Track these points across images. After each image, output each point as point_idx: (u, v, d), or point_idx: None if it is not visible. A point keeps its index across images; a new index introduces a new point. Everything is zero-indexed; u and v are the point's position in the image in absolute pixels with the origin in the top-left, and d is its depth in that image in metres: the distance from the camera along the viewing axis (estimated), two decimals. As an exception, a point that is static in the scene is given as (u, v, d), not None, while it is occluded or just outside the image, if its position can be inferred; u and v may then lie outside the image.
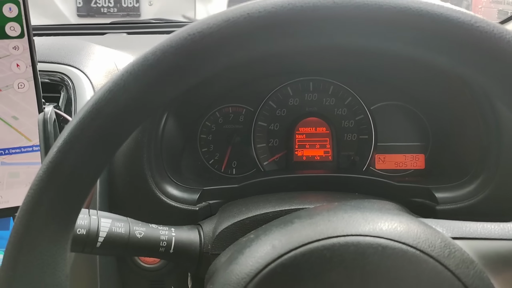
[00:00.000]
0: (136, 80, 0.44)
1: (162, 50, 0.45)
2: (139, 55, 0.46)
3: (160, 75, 0.44)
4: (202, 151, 1.10)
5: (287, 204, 0.76)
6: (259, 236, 0.53)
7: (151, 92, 0.45)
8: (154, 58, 0.45)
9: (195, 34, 0.44)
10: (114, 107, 0.44)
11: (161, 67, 0.44)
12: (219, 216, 0.80)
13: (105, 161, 0.48)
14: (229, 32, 0.44)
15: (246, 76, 1.08)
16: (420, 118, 1.08)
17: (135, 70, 0.45)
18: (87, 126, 0.44)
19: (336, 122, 1.09)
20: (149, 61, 0.44)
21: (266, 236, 0.52)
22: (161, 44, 0.45)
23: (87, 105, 0.45)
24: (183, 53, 0.44)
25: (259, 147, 1.09)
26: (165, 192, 0.87)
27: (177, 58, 0.44)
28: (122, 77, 0.45)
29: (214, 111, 1.10)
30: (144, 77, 0.45)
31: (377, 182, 0.94)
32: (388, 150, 1.08)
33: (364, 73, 1.09)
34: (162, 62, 0.44)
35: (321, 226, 0.49)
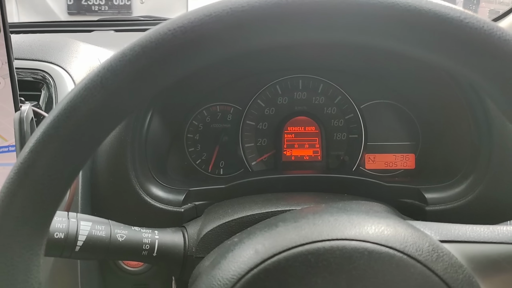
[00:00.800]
0: (114, 76, 0.43)
1: (141, 45, 0.43)
2: (117, 51, 0.44)
3: (139, 71, 0.43)
4: (189, 151, 1.08)
5: (273, 206, 0.74)
6: (242, 240, 0.52)
7: (130, 89, 0.43)
8: (133, 54, 0.43)
9: (175, 29, 0.42)
10: (90, 105, 0.42)
11: (140, 62, 0.43)
12: (204, 218, 0.78)
13: (81, 162, 0.46)
14: (211, 27, 0.42)
15: (234, 74, 1.07)
16: (410, 117, 1.07)
17: (113, 66, 0.43)
18: (61, 125, 0.42)
19: (325, 121, 1.07)
20: (128, 57, 0.43)
21: (249, 240, 0.50)
22: (140, 40, 0.44)
23: (62, 102, 0.43)
24: (163, 48, 0.43)
25: (247, 147, 1.08)
26: (149, 193, 0.85)
27: (157, 53, 0.43)
28: (99, 73, 0.43)
29: (202, 110, 1.08)
30: (122, 73, 0.43)
31: (367, 182, 0.93)
32: (378, 149, 1.08)
33: (354, 71, 1.08)
34: (141, 57, 0.43)
35: (306, 230, 0.47)
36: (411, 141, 1.07)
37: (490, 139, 0.84)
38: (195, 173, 1.08)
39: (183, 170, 1.07)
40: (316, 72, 1.08)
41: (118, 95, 0.43)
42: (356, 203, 0.59)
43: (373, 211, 0.54)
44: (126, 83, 0.43)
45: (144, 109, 0.85)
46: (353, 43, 0.45)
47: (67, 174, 0.44)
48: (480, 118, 0.85)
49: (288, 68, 1.08)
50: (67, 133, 0.43)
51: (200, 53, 0.44)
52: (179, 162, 1.07)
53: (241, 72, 1.07)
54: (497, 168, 0.83)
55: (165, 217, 0.84)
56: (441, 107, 0.99)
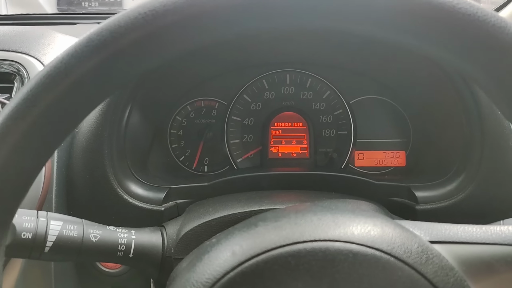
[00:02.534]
0: (79, 64, 0.39)
1: (109, 30, 0.40)
2: (83, 36, 0.41)
3: (106, 58, 0.39)
4: (172, 147, 1.06)
5: (256, 204, 0.72)
6: (220, 241, 0.49)
7: (96, 77, 0.40)
8: (100, 39, 0.39)
9: (146, 13, 0.39)
10: (53, 94, 0.39)
11: (107, 49, 0.39)
12: (185, 217, 0.76)
13: (44, 157, 0.42)
14: (187, 12, 0.39)
15: (219, 68, 1.05)
16: (401, 114, 1.06)
17: (78, 52, 0.39)
18: (21, 116, 0.39)
19: (313, 117, 1.05)
20: (94, 42, 0.39)
21: (227, 240, 0.47)
22: (108, 24, 0.40)
23: (22, 91, 0.40)
24: (133, 33, 0.39)
25: (233, 143, 1.06)
26: (128, 191, 0.82)
27: (127, 38, 0.39)
28: (63, 60, 0.40)
29: (185, 105, 1.06)
30: (88, 60, 0.39)
31: (356, 180, 0.90)
32: (368, 146, 1.06)
33: (343, 66, 1.06)
34: (109, 43, 0.39)
35: (287, 230, 0.44)
36: (402, 138, 1.06)
37: (482, 137, 0.82)
38: (178, 170, 1.05)
39: (165, 167, 1.04)
40: (304, 66, 1.06)
41: (84, 84, 0.40)
42: (343, 201, 0.57)
43: (360, 210, 0.52)
44: (93, 71, 0.40)
45: (123, 103, 0.82)
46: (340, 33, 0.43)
47: (27, 169, 0.41)
48: (473, 116, 0.83)
49: (275, 62, 1.06)
50: (28, 125, 0.39)
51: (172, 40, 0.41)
52: (161, 158, 1.04)
53: (226, 66, 1.05)
54: (489, 166, 0.81)
55: (144, 216, 0.81)
56: (433, 104, 0.97)
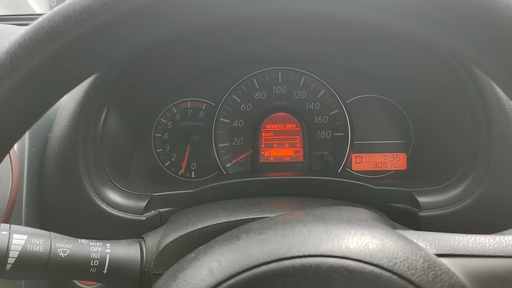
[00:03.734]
0: (27, 54, 0.34)
1: (62, 15, 0.35)
2: (33, 23, 0.36)
3: (60, 48, 0.35)
4: (156, 152, 1.02)
5: (244, 213, 0.67)
6: (198, 256, 0.44)
7: (48, 70, 0.35)
8: (52, 26, 0.35)
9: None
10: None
11: (61, 37, 0.34)
12: (166, 228, 0.71)
13: None
14: None
15: (206, 66, 1.01)
16: (401, 113, 1.02)
17: (26, 41, 0.35)
18: None
19: (307, 118, 1.02)
20: (45, 29, 0.34)
21: (205, 256, 0.42)
22: (61, 9, 0.35)
23: None
24: (91, 19, 0.35)
25: (221, 147, 1.02)
26: (105, 199, 0.77)
27: (83, 25, 0.35)
28: (9, 50, 0.35)
29: (170, 106, 1.02)
30: (39, 50, 0.34)
31: (353, 185, 0.86)
32: (366, 149, 1.02)
33: (339, 63, 1.02)
34: (63, 30, 0.34)
35: (272, 244, 0.39)
36: (402, 140, 1.03)
37: (489, 136, 0.77)
38: (162, 177, 1.01)
39: (148, 173, 1.00)
40: (298, 64, 1.03)
41: (33, 77, 0.35)
42: (338, 209, 0.52)
43: (357, 219, 0.47)
44: (43, 62, 0.35)
45: (98, 103, 0.77)
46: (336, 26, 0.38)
47: None
48: (479, 114, 0.78)
49: (267, 59, 1.03)
50: None
51: (136, 28, 0.36)
52: (144, 164, 1.00)
53: (214, 64, 1.01)
54: (497, 167, 0.76)
55: (124, 226, 0.76)
56: (436, 102, 0.93)
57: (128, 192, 0.81)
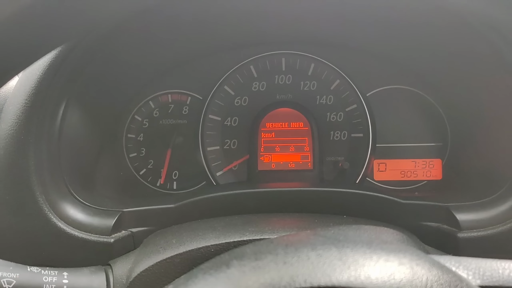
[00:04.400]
0: None
1: None
2: None
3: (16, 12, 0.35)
4: (129, 157, 1.03)
5: (237, 234, 0.66)
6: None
7: None
8: None
9: None
10: None
11: None
12: (140, 252, 0.70)
13: None
14: None
15: (191, 49, 1.01)
16: (436, 110, 1.02)
17: None
18: None
19: (318, 114, 1.02)
20: None
21: (185, 290, 0.41)
22: None
23: None
24: None
25: (210, 151, 1.02)
26: (64, 216, 0.76)
27: None
28: None
29: (147, 100, 1.03)
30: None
31: (375, 199, 0.85)
32: (391, 153, 1.03)
33: (358, 45, 1.02)
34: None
35: (271, 273, 0.38)
36: (437, 142, 1.03)
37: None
38: (136, 188, 1.02)
39: (118, 183, 1.00)
40: (306, 47, 1.03)
41: None
42: (356, 229, 0.51)
43: (380, 242, 0.46)
44: None
45: (55, 96, 0.76)
46: None
47: None
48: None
49: (267, 41, 1.03)
50: None
51: None
52: (113, 172, 1.00)
53: (201, 47, 1.01)
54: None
55: (86, 250, 0.76)
56: (480, 97, 0.92)
57: (92, 207, 0.81)
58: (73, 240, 0.75)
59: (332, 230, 0.50)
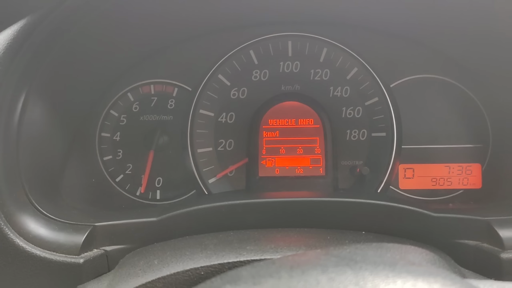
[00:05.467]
0: None
1: None
2: None
3: None
4: (103, 161, 1.03)
5: (233, 253, 0.66)
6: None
7: None
8: None
9: None
10: None
11: None
12: (115, 275, 0.70)
13: None
14: None
15: (178, 30, 1.01)
16: (476, 105, 1.03)
17: None
18: None
19: (332, 109, 1.03)
20: None
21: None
22: None
23: None
24: None
25: (202, 153, 1.02)
26: (23, 231, 0.76)
27: None
28: None
29: (125, 92, 1.03)
30: None
31: (401, 212, 0.85)
32: (420, 157, 1.03)
33: (381, 26, 1.02)
34: None
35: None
36: (476, 143, 1.03)
37: None
38: (111, 198, 1.02)
39: (89, 192, 1.00)
40: (317, 28, 1.03)
41: None
42: (376, 248, 0.51)
43: (406, 263, 0.46)
44: None
45: (12, 85, 0.76)
46: None
47: None
48: None
49: (270, 21, 1.03)
50: None
51: None
52: (83, 178, 1.00)
53: (190, 28, 1.01)
54: None
55: (51, 272, 0.75)
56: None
57: (58, 220, 0.81)
58: (34, 260, 0.75)
59: (348, 249, 0.50)
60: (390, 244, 0.55)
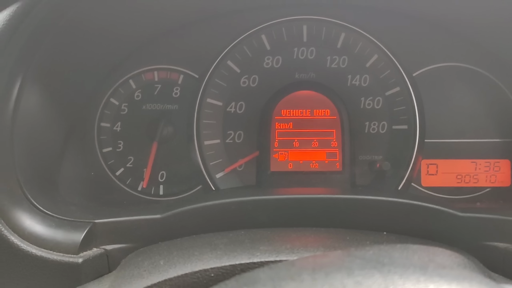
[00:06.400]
0: None
1: None
2: None
3: None
4: (102, 153, 1.04)
5: (245, 254, 0.66)
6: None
7: None
8: None
9: None
10: None
11: None
12: (116, 276, 0.70)
13: None
14: None
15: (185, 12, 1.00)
16: (505, 96, 1.02)
17: None
18: None
19: (349, 100, 1.03)
20: None
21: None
22: None
23: None
24: None
25: (209, 146, 1.02)
26: (18, 228, 0.76)
27: None
28: None
29: (126, 79, 1.03)
30: None
31: (424, 211, 0.85)
32: (445, 151, 1.03)
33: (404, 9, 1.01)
34: None
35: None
36: (505, 138, 1.03)
37: None
38: (111, 193, 1.03)
39: (88, 186, 1.00)
40: (334, 11, 1.02)
41: None
42: (402, 249, 0.51)
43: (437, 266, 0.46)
44: None
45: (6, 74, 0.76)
46: None
47: None
48: None
49: (284, 3, 1.02)
50: None
51: None
52: (81, 172, 1.00)
53: (198, 10, 1.01)
54: None
55: (48, 272, 0.76)
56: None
57: (55, 217, 0.81)
58: (29, 259, 0.75)
59: (371, 250, 0.50)
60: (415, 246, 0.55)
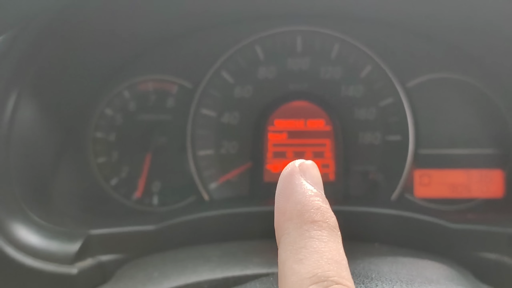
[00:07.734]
0: None
1: None
2: None
3: None
4: (97, 164, 1.04)
5: (238, 267, 0.67)
6: None
7: None
8: None
9: None
10: None
11: None
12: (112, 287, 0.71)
13: None
14: None
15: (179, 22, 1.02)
16: (496, 107, 1.02)
17: None
18: None
19: (343, 110, 1.03)
20: None
21: None
22: None
23: None
24: None
25: (202, 156, 1.03)
26: (12, 238, 0.77)
27: None
28: None
29: (121, 90, 1.04)
30: None
31: (416, 222, 0.86)
32: (438, 162, 1.03)
33: (398, 20, 1.02)
34: None
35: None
36: (496, 148, 1.03)
37: None
38: (106, 203, 1.03)
39: (82, 197, 1.01)
40: (328, 22, 1.03)
41: None
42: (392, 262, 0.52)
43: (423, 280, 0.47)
44: None
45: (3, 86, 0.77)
46: None
47: None
48: None
49: (277, 13, 1.03)
50: None
51: None
52: (76, 182, 1.01)
53: (193, 20, 1.02)
54: None
55: (42, 284, 0.76)
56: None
57: (50, 227, 0.81)
58: (24, 269, 0.76)
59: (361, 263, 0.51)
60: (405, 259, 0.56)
